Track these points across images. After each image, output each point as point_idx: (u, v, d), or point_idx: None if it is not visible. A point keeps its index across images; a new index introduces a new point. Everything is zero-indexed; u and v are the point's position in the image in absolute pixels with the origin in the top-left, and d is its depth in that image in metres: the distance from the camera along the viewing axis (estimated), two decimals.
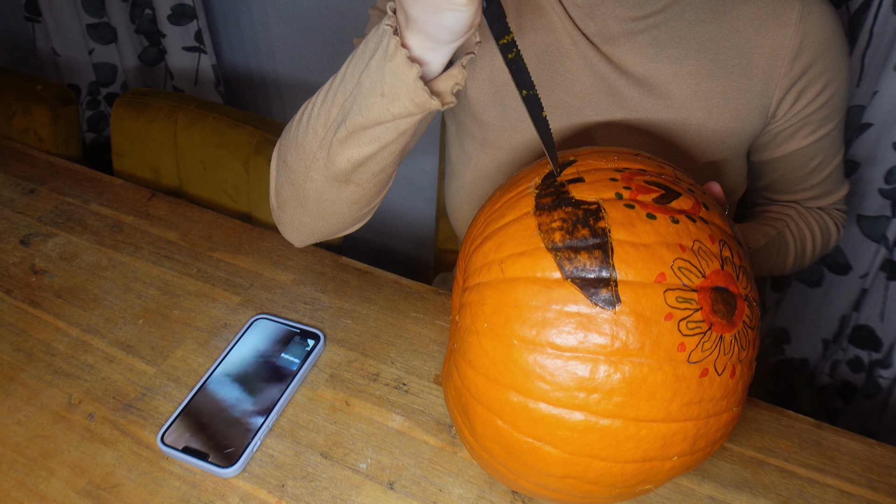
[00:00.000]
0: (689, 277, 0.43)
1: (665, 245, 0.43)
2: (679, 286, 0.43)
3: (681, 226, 0.44)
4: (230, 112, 1.03)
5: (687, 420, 0.44)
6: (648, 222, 0.44)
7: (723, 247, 0.45)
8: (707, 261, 0.44)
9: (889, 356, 1.10)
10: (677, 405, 0.43)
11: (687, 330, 0.42)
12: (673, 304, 0.42)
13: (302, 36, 1.52)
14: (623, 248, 0.43)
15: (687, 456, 0.46)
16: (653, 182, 0.47)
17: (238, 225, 0.87)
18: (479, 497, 0.57)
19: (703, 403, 0.44)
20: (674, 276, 0.43)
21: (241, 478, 0.58)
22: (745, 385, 0.47)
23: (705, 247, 0.44)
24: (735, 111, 0.66)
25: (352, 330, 0.72)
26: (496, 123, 0.69)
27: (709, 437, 0.46)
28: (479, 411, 0.48)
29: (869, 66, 0.97)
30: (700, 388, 0.43)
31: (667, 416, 0.43)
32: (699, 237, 0.44)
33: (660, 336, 0.42)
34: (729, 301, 0.44)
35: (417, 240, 1.70)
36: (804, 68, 0.66)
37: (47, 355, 0.70)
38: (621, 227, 0.44)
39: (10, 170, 0.98)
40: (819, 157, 0.73)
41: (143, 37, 1.59)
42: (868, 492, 0.58)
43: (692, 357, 0.43)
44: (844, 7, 0.96)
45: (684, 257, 0.43)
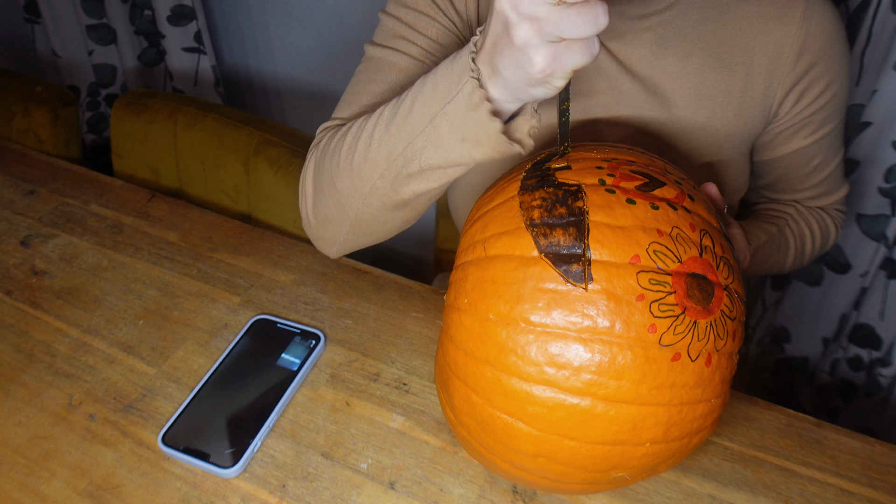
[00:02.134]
0: (664, 261, 0.43)
1: (642, 229, 0.44)
2: (653, 269, 0.43)
3: (660, 212, 0.45)
4: (230, 113, 1.03)
5: (658, 405, 0.44)
6: (627, 206, 0.45)
7: (703, 236, 0.45)
8: (685, 247, 0.44)
9: (889, 355, 1.10)
10: (647, 388, 0.43)
11: (658, 312, 0.43)
12: (645, 285, 0.43)
13: (301, 36, 1.52)
14: (599, 228, 0.44)
15: (661, 444, 0.46)
16: (638, 171, 0.47)
17: (238, 225, 0.87)
18: (479, 497, 0.57)
19: (675, 389, 0.44)
20: (648, 258, 0.43)
21: (241, 478, 0.58)
22: (724, 377, 0.46)
23: (684, 234, 0.45)
24: (738, 109, 0.66)
25: (352, 330, 0.72)
26: None
27: (683, 427, 0.46)
28: (457, 386, 0.49)
29: (868, 64, 0.97)
30: (672, 372, 0.43)
31: (636, 398, 0.43)
32: (678, 224, 0.45)
33: (630, 316, 0.42)
34: (705, 288, 0.44)
35: (417, 240, 1.70)
36: (807, 68, 0.66)
37: (48, 356, 0.70)
38: (599, 210, 0.45)
39: (10, 171, 0.98)
40: (819, 158, 0.73)
41: (142, 38, 1.59)
42: (868, 490, 0.58)
43: (663, 340, 0.43)
44: (844, 6, 0.96)
45: (661, 241, 0.44)
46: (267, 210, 1.00)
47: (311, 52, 1.53)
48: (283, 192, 0.96)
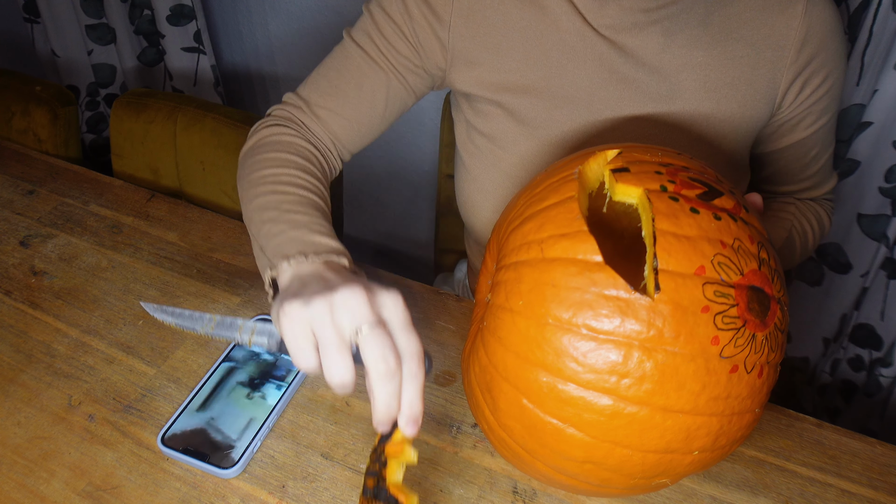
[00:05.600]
0: (727, 273, 0.43)
1: (707, 239, 0.44)
2: (717, 281, 0.43)
3: (723, 223, 0.45)
4: (229, 113, 1.03)
5: (712, 415, 0.44)
6: (692, 216, 0.45)
7: (760, 248, 0.46)
8: (746, 260, 0.44)
9: (890, 355, 1.10)
10: (705, 399, 0.43)
11: (722, 324, 0.43)
12: (711, 297, 0.43)
13: (301, 36, 1.52)
14: (666, 238, 0.44)
15: (707, 452, 0.46)
16: (696, 179, 0.47)
17: (238, 225, 0.87)
18: (479, 497, 0.57)
19: (729, 400, 0.44)
20: (713, 270, 0.43)
21: (241, 478, 0.58)
22: (770, 388, 0.47)
23: (745, 246, 0.45)
24: (742, 101, 0.68)
25: None
26: (500, 129, 0.71)
27: (730, 436, 0.46)
28: (504, 389, 0.48)
29: (869, 64, 0.96)
30: (729, 383, 0.44)
31: (694, 409, 0.43)
32: (739, 236, 0.45)
33: (695, 327, 0.42)
34: (763, 301, 0.44)
35: (417, 240, 1.70)
36: (808, 59, 0.67)
37: (47, 356, 0.69)
38: (665, 218, 0.44)
39: (9, 171, 0.98)
40: (816, 148, 0.75)
41: (142, 37, 1.59)
42: (869, 491, 0.58)
43: (724, 352, 0.43)
44: (844, 6, 0.96)
45: (724, 253, 0.44)
46: None
47: (311, 52, 1.53)
48: None
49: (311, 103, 0.72)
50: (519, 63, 0.68)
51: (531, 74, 0.68)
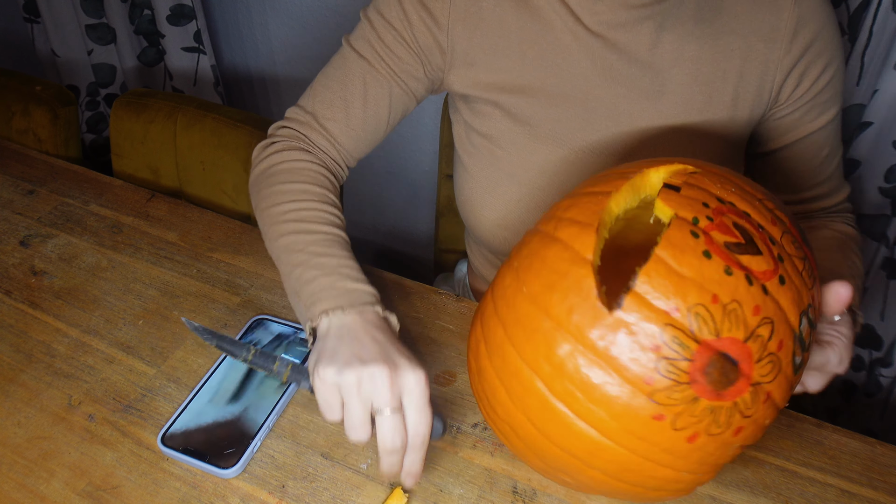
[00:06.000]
0: (700, 327, 0.41)
1: (698, 286, 0.41)
2: (685, 329, 0.41)
3: (730, 279, 0.42)
4: (229, 112, 1.03)
5: (620, 446, 0.44)
6: (700, 258, 0.42)
7: (763, 324, 0.42)
8: (732, 325, 0.41)
9: (890, 355, 1.10)
10: (618, 427, 0.43)
11: (664, 371, 0.41)
12: (666, 340, 0.41)
13: (301, 36, 1.52)
14: (658, 265, 0.42)
15: (609, 478, 0.46)
16: (741, 227, 0.44)
17: (238, 225, 0.87)
18: (479, 497, 0.57)
19: (643, 442, 0.43)
20: (685, 317, 0.41)
21: (241, 478, 0.58)
22: (707, 460, 0.45)
23: (741, 312, 0.41)
24: (734, 94, 0.68)
25: None
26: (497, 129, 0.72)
27: (637, 477, 0.46)
28: (475, 335, 0.53)
29: (869, 64, 0.96)
30: (648, 427, 0.42)
31: (604, 431, 0.44)
32: (741, 300, 0.41)
33: (637, 359, 0.41)
34: (727, 372, 0.41)
35: (417, 240, 1.70)
36: (803, 49, 0.67)
37: (47, 356, 0.69)
38: (670, 248, 0.42)
39: (9, 171, 0.98)
40: (827, 148, 0.74)
41: (142, 37, 1.59)
42: (869, 491, 0.58)
43: (655, 396, 0.41)
44: (844, 6, 0.96)
45: (709, 307, 0.41)
46: None
47: (311, 52, 1.53)
48: None
49: (318, 116, 0.72)
50: (515, 63, 0.69)
51: (527, 74, 0.69)
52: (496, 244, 0.77)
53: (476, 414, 0.64)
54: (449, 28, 0.69)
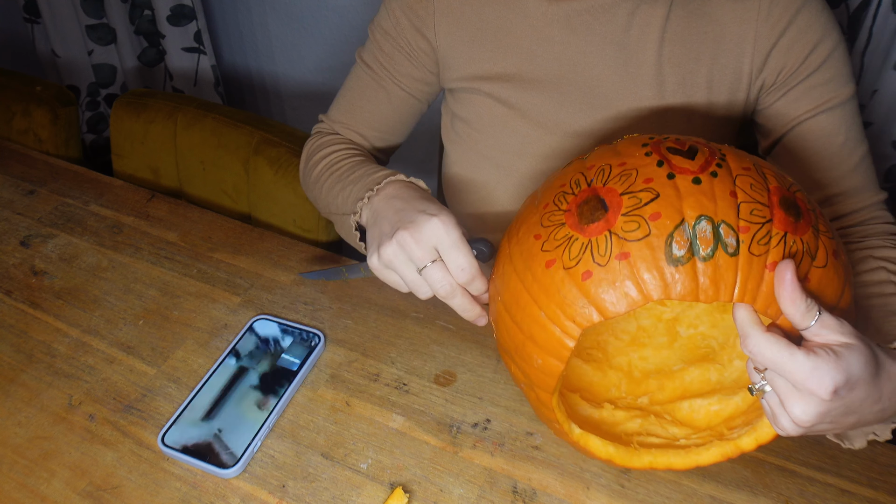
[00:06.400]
0: (596, 177, 0.48)
1: (618, 156, 0.49)
2: (587, 177, 0.49)
3: (646, 159, 0.48)
4: (229, 112, 1.03)
5: (522, 283, 0.50)
6: (638, 147, 0.49)
7: (646, 191, 0.46)
8: (619, 181, 0.47)
9: None
10: (518, 242, 0.51)
11: (557, 200, 0.49)
12: (569, 181, 0.50)
13: (301, 36, 1.52)
14: (607, 148, 0.52)
15: (509, 315, 0.51)
16: (693, 145, 0.49)
17: (238, 225, 0.87)
18: (479, 497, 0.57)
19: (522, 261, 0.50)
20: (592, 170, 0.49)
21: (241, 478, 0.58)
22: (561, 309, 0.47)
23: (633, 176, 0.47)
24: (709, 77, 0.68)
25: (352, 330, 0.72)
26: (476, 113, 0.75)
27: (521, 314, 0.50)
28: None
29: (868, 64, 0.97)
30: (529, 244, 0.50)
31: (512, 250, 0.52)
32: (640, 170, 0.47)
33: (547, 194, 0.51)
34: (594, 212, 0.47)
35: None
36: (784, 25, 0.66)
37: (47, 356, 0.70)
38: (624, 141, 0.52)
39: (9, 171, 0.98)
40: (841, 136, 0.69)
41: (142, 38, 1.59)
42: (868, 490, 0.58)
43: (543, 217, 0.50)
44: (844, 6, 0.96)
45: (612, 166, 0.48)
46: (267, 210, 1.00)
47: (311, 52, 1.53)
48: (283, 191, 0.96)
49: (343, 123, 0.81)
50: (491, 53, 0.72)
51: (503, 62, 0.71)
52: (476, 227, 0.80)
53: (476, 414, 0.64)
54: (435, 26, 0.73)
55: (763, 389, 0.45)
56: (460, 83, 0.74)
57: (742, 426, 0.54)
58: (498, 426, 0.63)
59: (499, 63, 0.71)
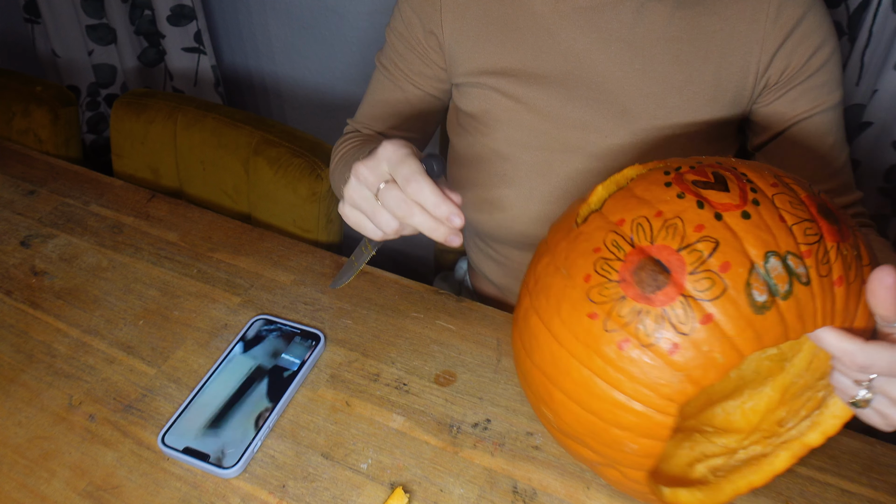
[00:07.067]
0: (638, 234, 0.44)
1: (648, 203, 0.45)
2: (625, 236, 0.45)
3: (681, 201, 0.44)
4: (230, 113, 1.03)
5: (563, 346, 0.46)
6: (661, 187, 0.45)
7: (704, 241, 0.42)
8: (668, 235, 0.43)
9: None
10: (564, 328, 0.46)
11: (598, 268, 0.45)
12: (607, 243, 0.45)
13: (301, 37, 1.52)
14: (624, 192, 0.47)
15: (568, 398, 0.47)
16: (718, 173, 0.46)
17: (238, 225, 0.87)
18: (479, 497, 0.57)
19: (581, 344, 0.45)
20: (629, 226, 0.45)
21: (241, 478, 0.58)
22: (644, 383, 0.43)
23: (681, 226, 0.43)
24: (716, 75, 0.69)
25: (352, 330, 0.72)
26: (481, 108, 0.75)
27: (587, 397, 0.45)
28: None
29: (868, 64, 0.97)
30: (582, 324, 0.45)
31: (554, 330, 0.46)
32: (685, 217, 0.43)
33: (579, 257, 0.46)
34: (657, 277, 0.42)
35: (417, 240, 1.70)
36: (790, 28, 0.67)
37: (48, 356, 0.70)
38: (640, 181, 0.47)
39: (9, 171, 0.98)
40: (831, 137, 0.72)
41: (142, 38, 1.59)
42: (869, 490, 0.58)
43: (591, 295, 0.44)
44: (844, 6, 0.96)
45: (650, 218, 0.44)
46: (267, 210, 1.00)
47: (311, 52, 1.53)
48: (283, 191, 0.96)
49: (365, 124, 0.84)
50: (497, 48, 0.72)
51: (508, 57, 0.72)
52: (483, 221, 0.79)
53: (476, 414, 0.64)
54: (442, 22, 0.74)
55: (867, 399, 0.45)
56: (466, 78, 0.75)
57: (791, 418, 0.53)
58: (498, 426, 0.63)
59: (504, 58, 0.72)
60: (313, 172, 0.94)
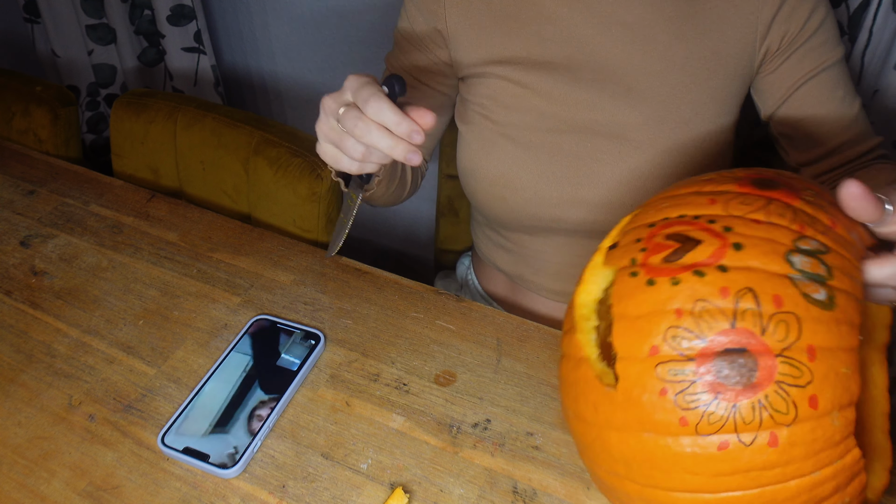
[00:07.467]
0: (682, 345, 0.40)
1: (659, 313, 0.41)
2: (673, 357, 0.40)
3: (681, 286, 0.41)
4: (229, 112, 1.03)
5: (728, 490, 0.40)
6: (647, 290, 0.42)
7: (742, 297, 0.39)
8: (710, 322, 0.39)
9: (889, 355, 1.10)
10: (706, 478, 0.40)
11: (685, 403, 0.39)
12: (666, 377, 0.40)
13: (301, 36, 1.52)
14: (621, 323, 0.42)
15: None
16: (674, 234, 0.43)
17: (238, 225, 0.87)
18: (479, 497, 0.57)
19: (740, 475, 0.40)
20: (667, 346, 0.40)
21: (241, 478, 0.58)
22: (816, 448, 0.39)
23: (711, 305, 0.40)
24: (716, 48, 0.71)
25: (352, 330, 0.72)
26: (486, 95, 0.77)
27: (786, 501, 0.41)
28: None
29: (869, 64, 0.97)
30: (726, 459, 0.39)
31: (696, 487, 0.41)
32: (703, 295, 0.40)
33: (654, 413, 0.40)
34: (743, 364, 0.38)
35: (417, 240, 1.70)
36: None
37: (47, 356, 0.70)
38: (621, 301, 0.43)
39: (9, 171, 0.98)
40: (840, 90, 0.74)
41: (142, 38, 1.59)
42: None
43: (700, 429, 0.39)
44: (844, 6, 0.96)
45: (679, 324, 0.40)
46: (267, 210, 1.00)
47: (311, 53, 1.53)
48: (283, 191, 0.96)
49: None
50: (501, 38, 0.74)
51: (512, 46, 0.74)
52: (496, 207, 0.80)
53: (476, 414, 0.64)
54: (446, 17, 0.76)
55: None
56: (472, 69, 0.77)
57: None
58: (498, 426, 0.63)
59: (508, 47, 0.74)
60: (313, 172, 0.94)
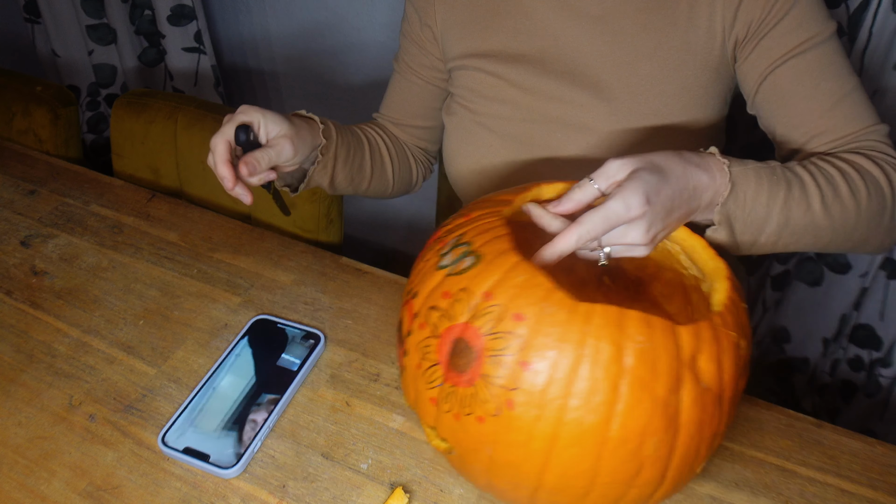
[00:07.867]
0: (436, 324, 0.48)
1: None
2: (429, 333, 0.49)
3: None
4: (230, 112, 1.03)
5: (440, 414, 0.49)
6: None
7: (431, 320, 0.49)
8: (434, 350, 0.48)
9: (889, 355, 1.10)
10: (448, 423, 0.49)
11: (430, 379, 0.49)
12: (420, 345, 0.50)
13: (301, 36, 1.52)
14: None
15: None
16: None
17: (238, 225, 0.87)
18: (479, 497, 0.57)
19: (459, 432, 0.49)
20: (423, 317, 0.50)
21: (241, 478, 0.58)
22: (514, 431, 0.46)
23: (431, 343, 0.49)
24: (685, 38, 0.71)
25: (352, 330, 0.72)
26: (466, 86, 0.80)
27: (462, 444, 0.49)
28: None
29: (869, 65, 0.97)
30: (458, 426, 0.48)
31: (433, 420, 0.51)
32: (467, 286, 0.48)
33: (416, 379, 0.51)
34: (465, 354, 0.46)
35: (418, 240, 1.70)
36: None
37: (48, 356, 0.70)
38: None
39: (10, 171, 0.98)
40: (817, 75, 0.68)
41: (142, 38, 1.59)
42: (868, 490, 0.58)
43: (442, 406, 0.49)
44: (844, 6, 0.96)
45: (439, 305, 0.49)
46: (267, 210, 1.00)
47: (311, 52, 1.53)
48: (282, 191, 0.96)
49: (382, 115, 0.91)
50: (481, 33, 0.78)
51: (490, 41, 0.77)
52: (474, 194, 0.83)
53: None
54: (436, 14, 0.80)
55: (609, 254, 0.54)
56: (455, 62, 0.80)
57: None
58: None
59: (487, 41, 0.78)
60: None
